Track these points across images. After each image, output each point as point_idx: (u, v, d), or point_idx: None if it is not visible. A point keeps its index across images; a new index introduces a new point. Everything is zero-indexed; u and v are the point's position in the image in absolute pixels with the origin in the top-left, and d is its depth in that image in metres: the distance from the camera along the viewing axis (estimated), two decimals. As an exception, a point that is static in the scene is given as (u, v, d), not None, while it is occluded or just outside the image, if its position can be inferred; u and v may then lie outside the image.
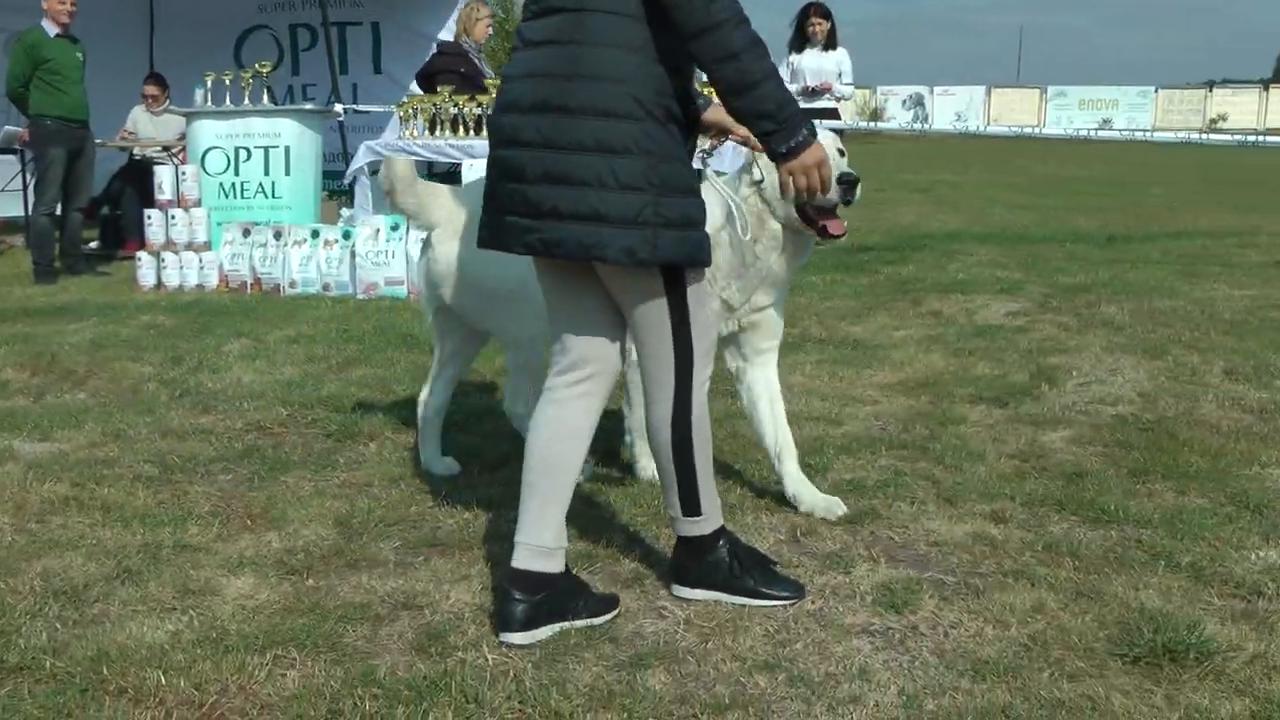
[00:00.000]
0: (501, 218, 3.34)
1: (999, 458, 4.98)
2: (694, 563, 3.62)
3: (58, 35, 10.82)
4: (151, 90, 13.26)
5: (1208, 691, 3.04)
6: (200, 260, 10.05)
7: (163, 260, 10.08)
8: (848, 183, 3.92)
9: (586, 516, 4.27)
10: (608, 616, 3.48)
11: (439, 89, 10.58)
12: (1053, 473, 4.78)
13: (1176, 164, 29.51)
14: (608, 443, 5.21)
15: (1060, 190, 20.77)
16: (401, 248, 9.34)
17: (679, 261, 3.26)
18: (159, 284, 10.07)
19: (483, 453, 5.06)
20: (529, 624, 3.35)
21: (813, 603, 3.58)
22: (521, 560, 3.43)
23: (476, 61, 11.34)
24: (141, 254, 10.26)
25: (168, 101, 13.19)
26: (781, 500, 4.42)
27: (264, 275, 9.85)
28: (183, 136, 12.48)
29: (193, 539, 4.16)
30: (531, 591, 3.37)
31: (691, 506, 3.58)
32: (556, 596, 3.41)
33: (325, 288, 9.59)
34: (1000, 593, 3.63)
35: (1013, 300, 8.60)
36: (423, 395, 4.90)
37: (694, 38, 3.10)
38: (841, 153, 4.09)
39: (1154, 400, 5.83)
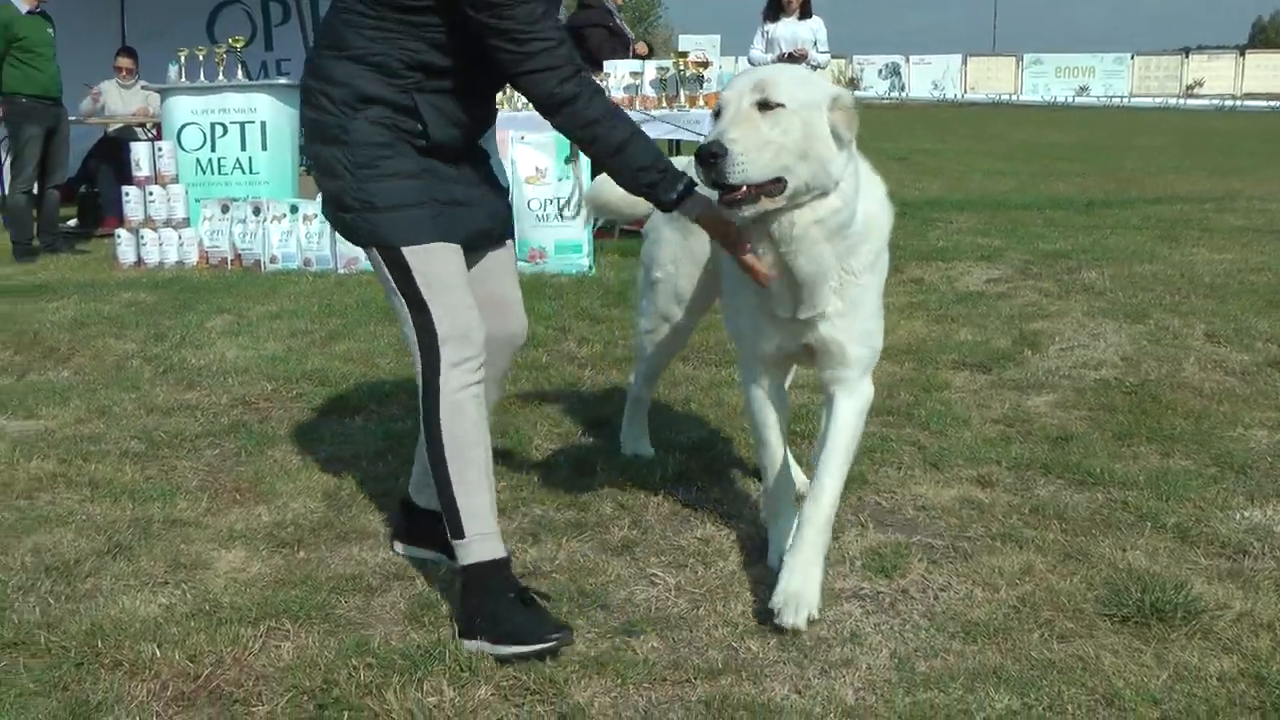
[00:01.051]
0: None
1: (984, 423, 5.01)
2: (476, 600, 3.24)
3: (30, 12, 10.72)
4: (125, 63, 13.15)
5: (1196, 650, 3.07)
6: (179, 237, 9.98)
7: (142, 237, 10.01)
8: (700, 159, 3.06)
9: (576, 486, 4.30)
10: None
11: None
12: (1038, 437, 4.81)
13: (1154, 129, 29.59)
14: (598, 410, 5.24)
15: (1038, 157, 20.81)
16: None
17: (385, 243, 3.26)
18: (138, 261, 10.01)
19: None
20: None
21: (803, 568, 3.60)
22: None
23: (619, 22, 11.48)
24: (120, 231, 10.19)
25: (137, 76, 13.10)
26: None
27: (244, 251, 9.80)
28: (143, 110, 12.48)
29: (182, 514, 4.16)
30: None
31: (453, 525, 3.31)
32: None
33: (306, 263, 9.55)
34: (988, 556, 3.66)
35: (993, 267, 8.63)
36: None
37: (553, 113, 3.20)
38: (767, 104, 3.09)
39: (1137, 364, 5.86)
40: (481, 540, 3.28)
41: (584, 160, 9.13)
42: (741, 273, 3.35)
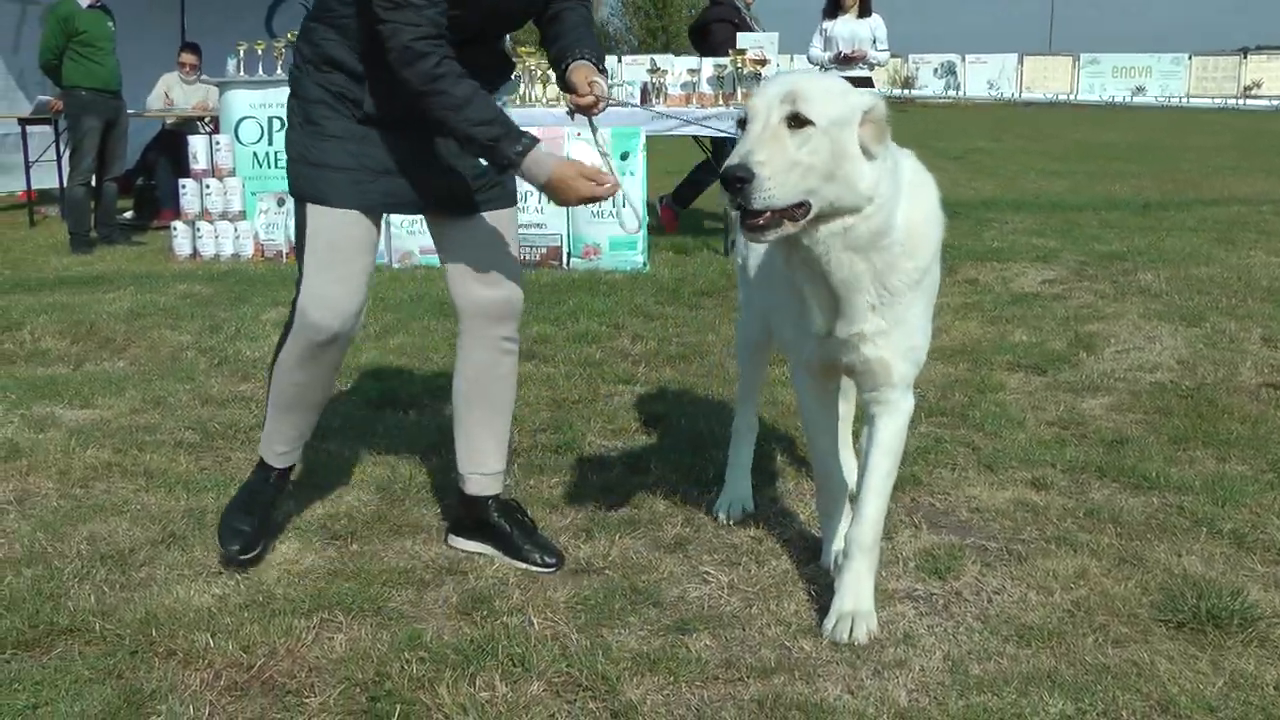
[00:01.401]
0: None
1: (1039, 424, 4.97)
2: (243, 482, 3.90)
3: (90, 6, 10.85)
4: (189, 59, 13.27)
5: (1253, 657, 3.03)
6: (235, 230, 10.08)
7: (198, 230, 10.11)
8: (726, 183, 2.85)
9: (629, 483, 4.30)
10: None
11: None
12: (1093, 439, 4.77)
13: (1211, 130, 29.25)
14: (651, 407, 5.24)
15: (1094, 157, 20.62)
16: (435, 216, 9.33)
17: (299, 195, 3.53)
18: (194, 253, 10.11)
19: (523, 420, 5.08)
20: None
21: (855, 568, 3.58)
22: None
23: (747, 18, 11.46)
24: (177, 224, 10.30)
25: (200, 71, 13.23)
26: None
27: (299, 244, 9.86)
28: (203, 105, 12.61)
29: (236, 504, 4.19)
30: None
31: (265, 422, 3.82)
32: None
33: (360, 256, 9.59)
34: (1043, 559, 3.63)
35: (1049, 268, 8.56)
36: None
37: (402, 66, 3.29)
38: (797, 120, 2.88)
39: (1193, 367, 5.80)
40: (270, 450, 3.79)
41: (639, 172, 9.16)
42: (784, 282, 3.25)
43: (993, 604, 3.36)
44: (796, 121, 2.87)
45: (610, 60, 12.65)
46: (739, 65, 10.38)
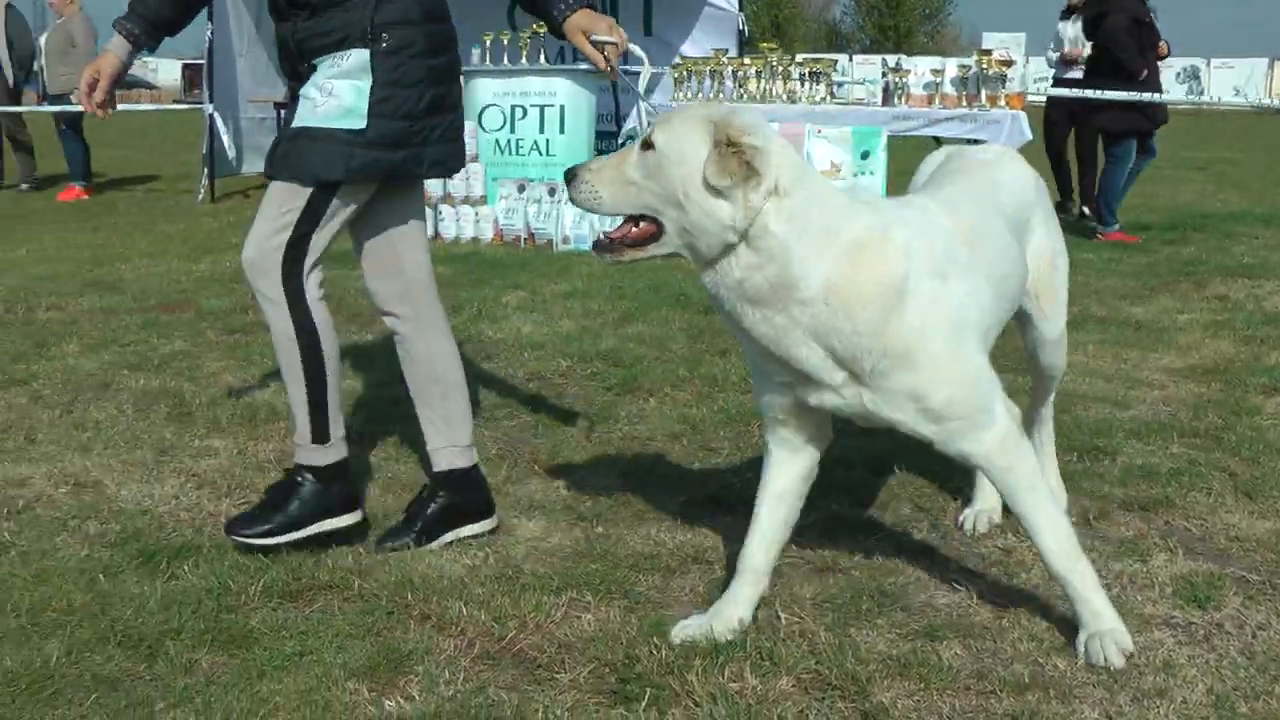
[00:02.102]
0: None
1: (1300, 453, 4.73)
2: None
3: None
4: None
5: None
6: (476, 214, 10.33)
7: (440, 213, 10.40)
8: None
9: (872, 485, 4.28)
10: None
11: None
12: (1362, 475, 4.51)
13: None
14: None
15: (1351, 174, 19.53)
16: (672, 208, 9.42)
17: None
18: (436, 235, 10.39)
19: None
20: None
21: (1109, 589, 3.45)
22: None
23: (1152, 15, 10.81)
24: (421, 205, 10.61)
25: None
26: (1080, 478, 4.29)
27: (538, 230, 10.07)
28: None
29: (483, 480, 4.30)
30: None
31: None
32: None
33: (596, 245, 9.74)
34: (1311, 597, 3.45)
35: (1306, 288, 8.15)
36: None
37: None
38: (648, 143, 2.91)
39: None
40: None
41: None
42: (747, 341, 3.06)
43: (1258, 639, 3.20)
44: (647, 144, 2.91)
45: (842, 59, 12.52)
46: (984, 66, 10.18)
